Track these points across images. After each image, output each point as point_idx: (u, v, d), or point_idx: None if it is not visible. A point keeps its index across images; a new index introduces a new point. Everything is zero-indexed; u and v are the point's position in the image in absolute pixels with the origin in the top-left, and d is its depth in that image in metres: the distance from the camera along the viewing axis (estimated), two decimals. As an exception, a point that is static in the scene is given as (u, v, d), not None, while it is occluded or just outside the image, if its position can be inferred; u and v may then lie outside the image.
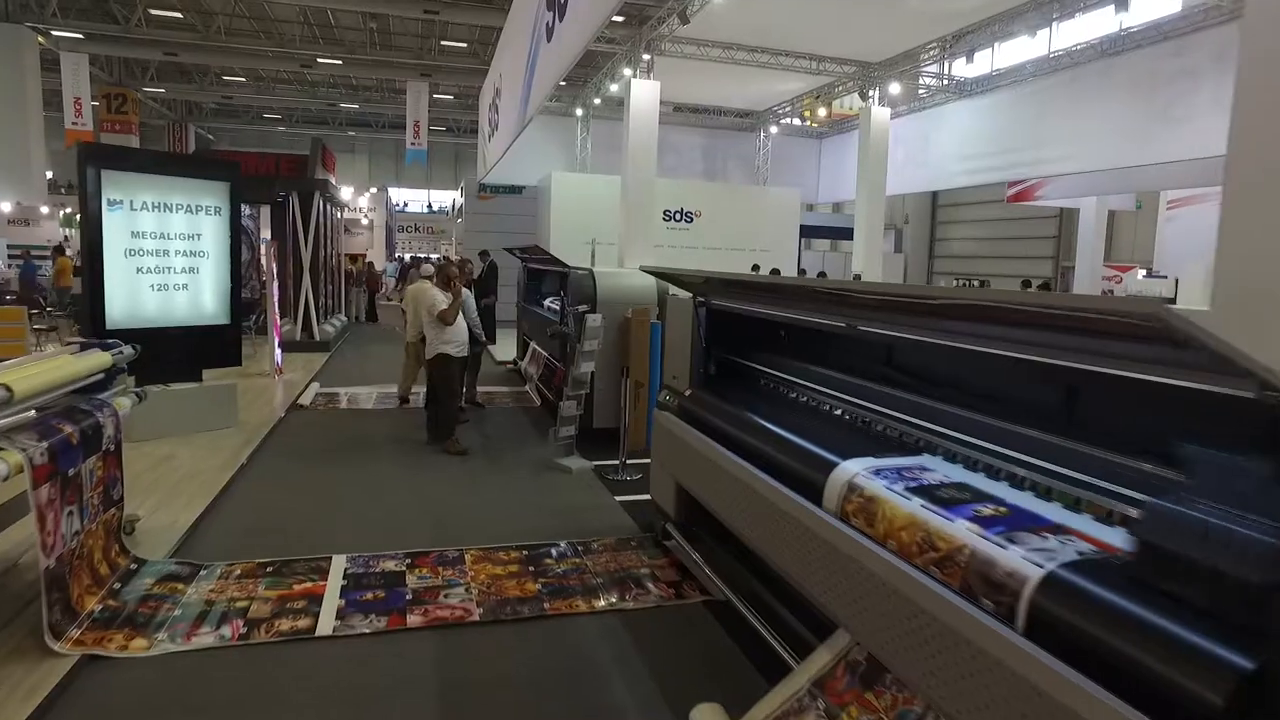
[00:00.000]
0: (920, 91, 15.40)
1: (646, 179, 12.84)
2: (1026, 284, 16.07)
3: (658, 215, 13.90)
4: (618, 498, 6.00)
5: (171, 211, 7.04)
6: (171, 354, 7.09)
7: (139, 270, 6.84)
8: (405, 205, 42.89)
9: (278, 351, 10.60)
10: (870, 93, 13.96)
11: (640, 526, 5.37)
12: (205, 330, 7.37)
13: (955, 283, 17.39)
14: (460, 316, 6.95)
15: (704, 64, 13.91)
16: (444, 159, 41.88)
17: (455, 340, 6.96)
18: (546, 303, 10.05)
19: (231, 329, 7.62)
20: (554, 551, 4.80)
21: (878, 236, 14.34)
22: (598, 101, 16.74)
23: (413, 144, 28.90)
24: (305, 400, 8.98)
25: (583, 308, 7.22)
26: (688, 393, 4.66)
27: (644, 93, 12.56)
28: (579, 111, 17.80)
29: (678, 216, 17.61)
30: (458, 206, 29.57)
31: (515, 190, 21.01)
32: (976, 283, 17.45)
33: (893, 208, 29.09)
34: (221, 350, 7.55)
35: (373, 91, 33.48)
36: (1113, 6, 10.93)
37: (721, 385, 4.66)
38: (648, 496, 5.94)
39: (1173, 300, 12.01)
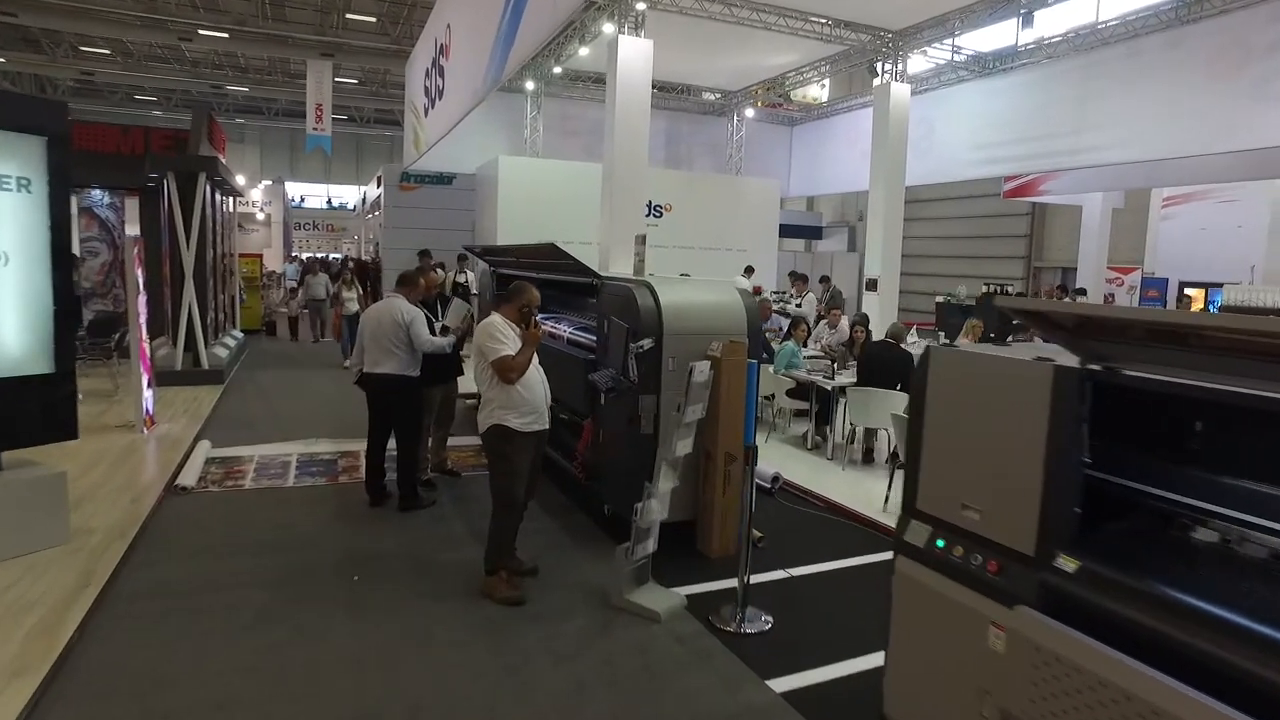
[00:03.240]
0: (930, 65, 13.45)
1: (637, 162, 10.26)
2: (1064, 289, 14.41)
3: (644, 207, 11.38)
4: (773, 683, 3.44)
5: (-65, 183, 4.00)
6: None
7: None
8: (302, 200, 38.71)
9: (147, 394, 7.46)
10: (888, 66, 11.89)
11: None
12: (6, 385, 4.34)
13: (985, 288, 15.64)
14: (533, 370, 4.20)
15: (684, 31, 11.48)
16: (345, 151, 38.01)
17: (525, 408, 4.13)
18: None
19: (57, 380, 4.58)
20: None
21: (896, 234, 12.28)
22: (557, 71, 14.01)
23: (315, 129, 25.35)
24: (189, 477, 5.94)
25: (646, 342, 4.63)
26: (1069, 566, 2.16)
27: (635, 53, 9.98)
28: (530, 86, 14.99)
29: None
30: (369, 200, 26.09)
31: (444, 180, 18.03)
32: (1011, 289, 15.82)
33: (845, 204, 27.58)
34: (38, 415, 4.52)
35: (264, 74, 29.43)
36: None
37: (1134, 545, 2.20)
38: (817, 675, 3.47)
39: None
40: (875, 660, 3.66)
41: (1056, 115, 11.80)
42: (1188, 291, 15.12)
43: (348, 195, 38.40)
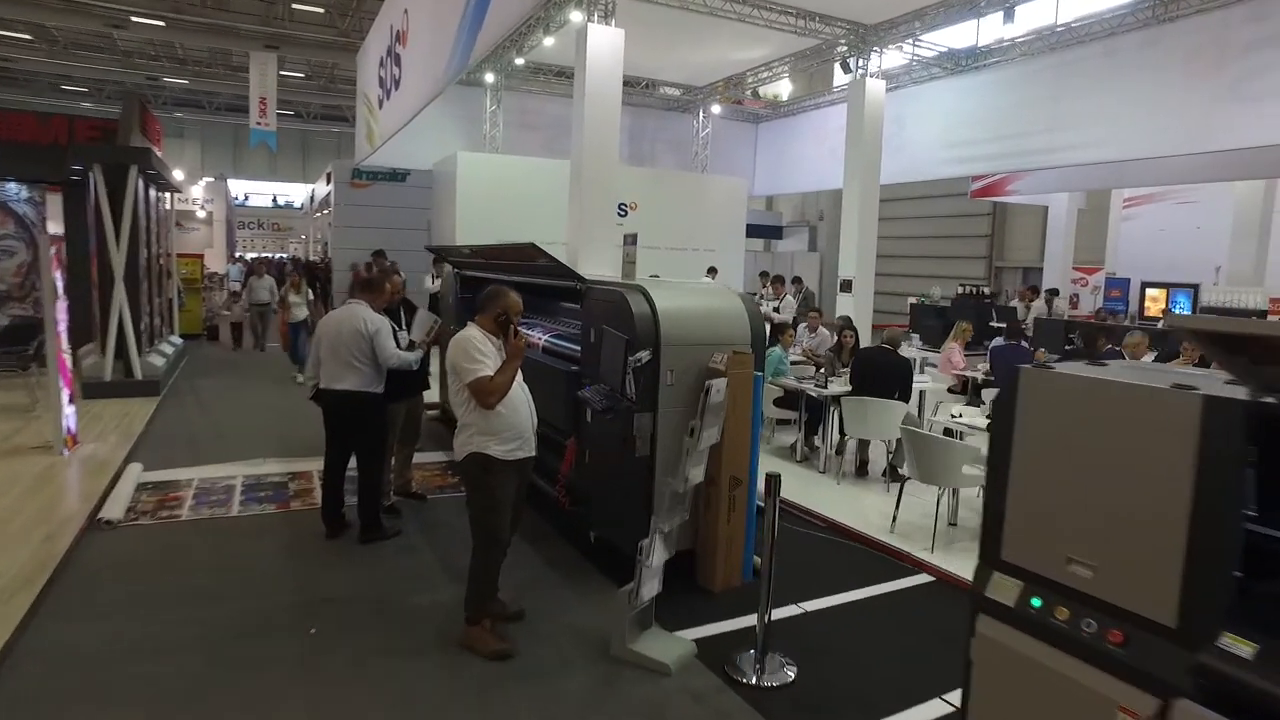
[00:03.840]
0: (901, 61, 13.22)
1: (608, 157, 9.74)
2: (1035, 290, 14.35)
3: (614, 206, 10.85)
4: (812, 756, 2.97)
5: None
6: None
7: None
8: (246, 199, 37.21)
9: (68, 410, 6.67)
10: (862, 62, 11.60)
11: None
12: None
13: (959, 289, 15.48)
14: (516, 388, 3.62)
15: (651, 23, 10.98)
16: (291, 148, 36.72)
17: (508, 433, 3.57)
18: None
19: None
20: None
21: (871, 234, 11.99)
22: (519, 62, 13.40)
23: (259, 123, 24.28)
24: (115, 509, 5.22)
25: (643, 355, 4.13)
26: (1242, 649, 1.72)
27: (605, 43, 9.46)
28: (489, 78, 14.35)
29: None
30: (318, 198, 25.03)
31: (398, 177, 17.22)
32: (987, 290, 15.68)
33: (805, 203, 27.43)
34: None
35: (204, 65, 28.06)
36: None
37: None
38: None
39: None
40: (921, 715, 3.24)
41: (1031, 114, 11.65)
42: (1150, 293, 15.19)
43: (294, 193, 37.01)
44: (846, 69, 12.26)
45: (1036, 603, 2.20)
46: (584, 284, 4.92)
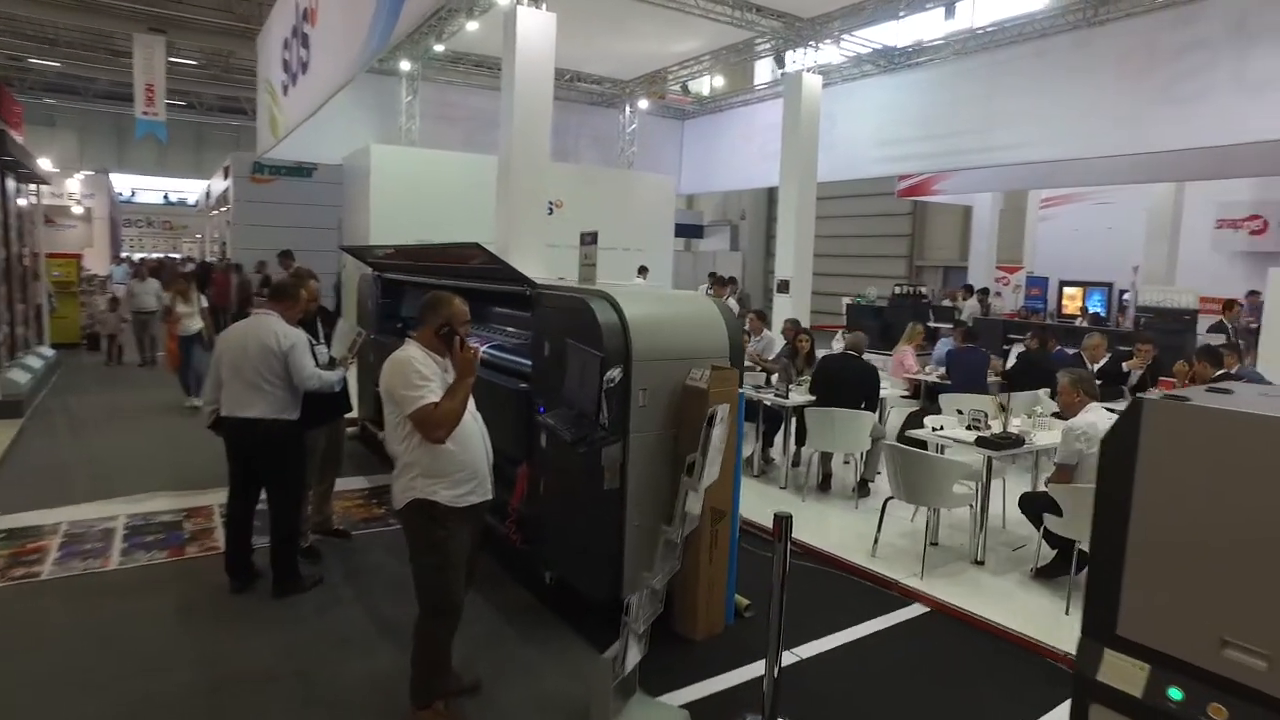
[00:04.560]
0: (836, 58, 13.04)
1: (538, 151, 9.09)
2: (969, 289, 14.42)
3: (544, 203, 10.17)
4: None
5: None
6: None
7: None
8: (133, 195, 34.46)
9: (-96, 443, 5.56)
10: (797, 55, 11.31)
11: None
12: None
13: (895, 289, 15.42)
14: (468, 417, 2.94)
15: (576, 11, 10.34)
16: (183, 140, 34.09)
17: (460, 473, 2.92)
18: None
19: None
20: None
21: (808, 233, 11.71)
22: (439, 49, 12.52)
23: (145, 113, 22.25)
24: (-41, 567, 4.28)
25: (615, 373, 3.55)
26: None
27: (536, 28, 8.81)
28: (405, 66, 13.40)
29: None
30: (214, 195, 23.27)
31: (303, 172, 16.02)
32: (926, 290, 15.65)
33: (727, 202, 27.31)
34: None
35: (77, 47, 25.56)
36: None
37: None
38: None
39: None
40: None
41: (963, 113, 11.66)
42: (1068, 291, 15.59)
43: (188, 189, 34.50)
44: (780, 63, 11.99)
45: (1176, 695, 1.75)
46: (534, 289, 4.30)
